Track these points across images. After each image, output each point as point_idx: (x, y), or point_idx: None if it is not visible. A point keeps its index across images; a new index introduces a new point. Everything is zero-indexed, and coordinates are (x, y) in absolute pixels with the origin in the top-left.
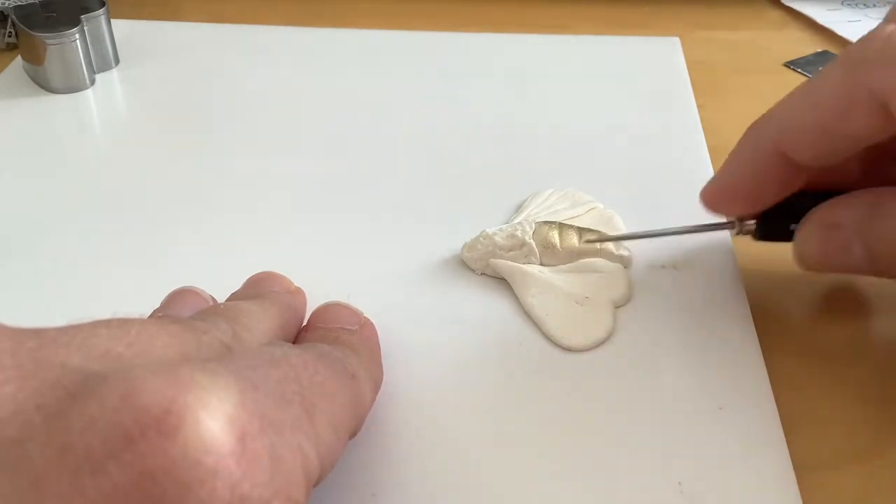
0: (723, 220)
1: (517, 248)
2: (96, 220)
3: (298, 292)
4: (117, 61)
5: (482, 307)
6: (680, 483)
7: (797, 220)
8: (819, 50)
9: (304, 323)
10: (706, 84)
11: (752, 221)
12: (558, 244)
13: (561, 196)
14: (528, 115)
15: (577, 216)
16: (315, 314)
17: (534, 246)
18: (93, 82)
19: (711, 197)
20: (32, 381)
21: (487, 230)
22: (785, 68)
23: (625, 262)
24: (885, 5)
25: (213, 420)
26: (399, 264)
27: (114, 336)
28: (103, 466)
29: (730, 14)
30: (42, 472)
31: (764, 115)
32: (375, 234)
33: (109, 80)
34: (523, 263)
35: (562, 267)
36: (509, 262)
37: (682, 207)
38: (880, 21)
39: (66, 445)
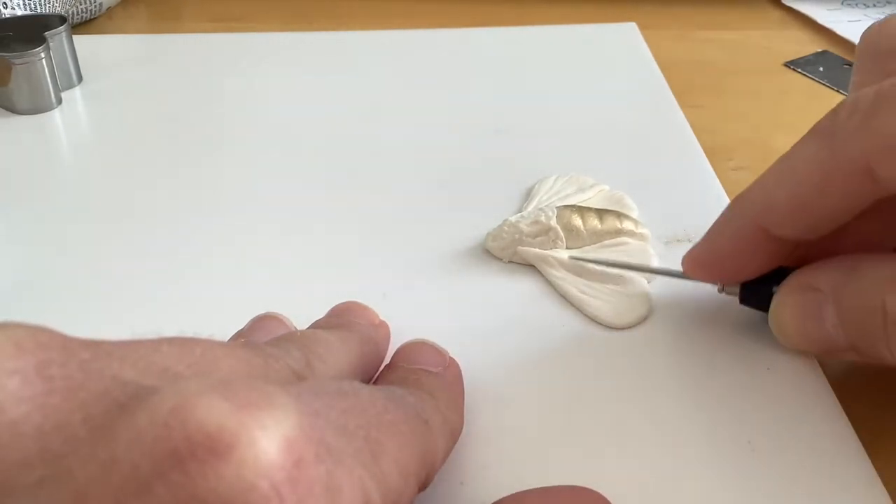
0: None
1: (543, 234)
2: (77, 240)
3: (382, 326)
4: (80, 79)
5: (516, 294)
6: (749, 441)
7: (779, 282)
8: (819, 50)
9: (388, 360)
10: (706, 84)
11: (736, 286)
12: (582, 227)
13: (566, 181)
14: (514, 107)
15: (589, 198)
16: (398, 352)
17: (559, 230)
18: (59, 102)
19: (692, 266)
20: (80, 393)
21: (510, 219)
22: (785, 68)
23: (645, 240)
24: (885, 5)
25: (270, 441)
26: (424, 261)
27: (176, 354)
28: (150, 487)
29: (730, 14)
30: (84, 490)
31: (746, 189)
32: (390, 235)
33: (75, 99)
34: (550, 248)
35: (587, 248)
36: (537, 250)
37: (663, 172)
38: (879, 18)
39: (110, 460)
